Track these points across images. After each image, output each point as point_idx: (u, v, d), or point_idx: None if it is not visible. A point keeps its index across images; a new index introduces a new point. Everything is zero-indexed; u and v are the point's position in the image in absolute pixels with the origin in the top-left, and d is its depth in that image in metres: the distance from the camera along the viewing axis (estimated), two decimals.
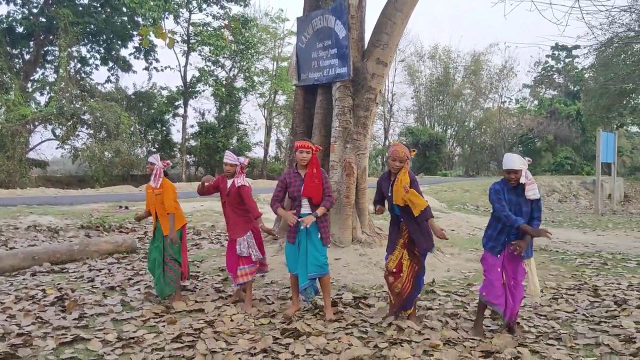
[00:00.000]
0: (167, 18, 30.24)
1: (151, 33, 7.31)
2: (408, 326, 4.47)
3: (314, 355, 3.91)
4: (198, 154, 34.44)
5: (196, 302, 5.26)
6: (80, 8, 28.74)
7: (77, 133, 28.88)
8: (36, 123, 27.68)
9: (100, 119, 27.82)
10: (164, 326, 4.51)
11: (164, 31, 5.44)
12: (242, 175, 5.14)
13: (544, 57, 45.29)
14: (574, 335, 4.43)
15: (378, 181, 4.81)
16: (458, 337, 4.32)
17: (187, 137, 33.96)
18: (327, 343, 4.12)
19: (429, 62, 48.12)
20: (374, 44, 7.56)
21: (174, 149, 35.16)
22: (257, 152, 39.66)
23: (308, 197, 4.77)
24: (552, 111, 40.21)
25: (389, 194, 4.58)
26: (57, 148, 29.87)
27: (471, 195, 19.79)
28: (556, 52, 43.47)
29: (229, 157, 5.12)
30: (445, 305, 5.32)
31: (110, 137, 28.66)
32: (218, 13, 32.49)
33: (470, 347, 4.10)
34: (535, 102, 47.00)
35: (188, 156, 34.40)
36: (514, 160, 4.19)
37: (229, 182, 5.13)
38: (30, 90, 30.00)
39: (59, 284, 5.97)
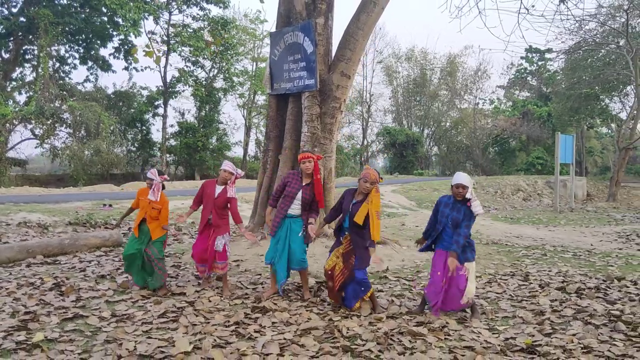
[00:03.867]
0: (146, 19, 30.75)
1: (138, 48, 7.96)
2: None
3: (278, 326, 4.72)
4: (178, 153, 35.03)
5: (178, 286, 6.02)
6: (60, 8, 28.97)
7: (56, 132, 29.20)
8: (15, 122, 27.92)
9: (80, 119, 28.17)
10: (151, 306, 5.26)
11: (151, 49, 6.16)
12: (233, 186, 5.75)
13: (517, 60, 46.54)
14: (496, 310, 5.32)
15: (344, 193, 5.28)
16: (400, 312, 5.17)
17: (167, 136, 34.49)
18: (290, 317, 4.94)
19: (405, 64, 49.22)
20: (338, 59, 8.40)
21: (154, 148, 35.63)
22: (237, 152, 40.42)
23: (317, 200, 5.45)
24: (525, 112, 41.40)
25: (349, 210, 5.08)
26: (36, 147, 30.16)
27: (440, 193, 20.78)
28: (530, 55, 44.57)
29: (228, 165, 5.72)
30: (394, 288, 6.20)
31: (90, 137, 29.04)
32: (197, 14, 33.11)
33: (408, 319, 4.96)
34: (509, 103, 48.24)
35: (168, 155, 34.95)
36: (463, 178, 5.00)
37: (218, 188, 5.73)
38: (9, 89, 30.19)
39: (53, 273, 6.66)
